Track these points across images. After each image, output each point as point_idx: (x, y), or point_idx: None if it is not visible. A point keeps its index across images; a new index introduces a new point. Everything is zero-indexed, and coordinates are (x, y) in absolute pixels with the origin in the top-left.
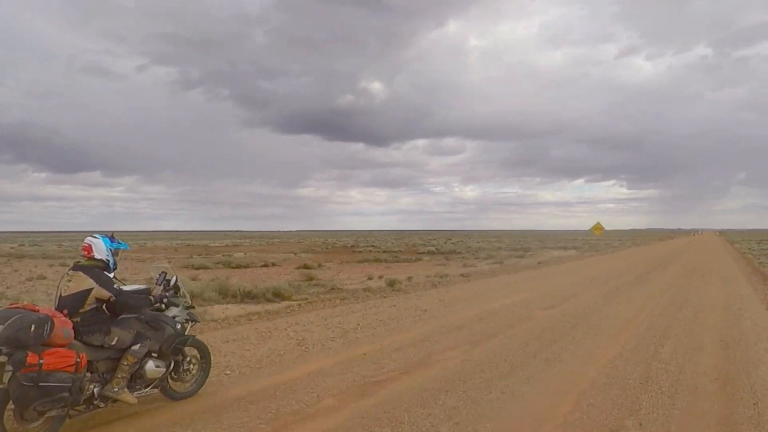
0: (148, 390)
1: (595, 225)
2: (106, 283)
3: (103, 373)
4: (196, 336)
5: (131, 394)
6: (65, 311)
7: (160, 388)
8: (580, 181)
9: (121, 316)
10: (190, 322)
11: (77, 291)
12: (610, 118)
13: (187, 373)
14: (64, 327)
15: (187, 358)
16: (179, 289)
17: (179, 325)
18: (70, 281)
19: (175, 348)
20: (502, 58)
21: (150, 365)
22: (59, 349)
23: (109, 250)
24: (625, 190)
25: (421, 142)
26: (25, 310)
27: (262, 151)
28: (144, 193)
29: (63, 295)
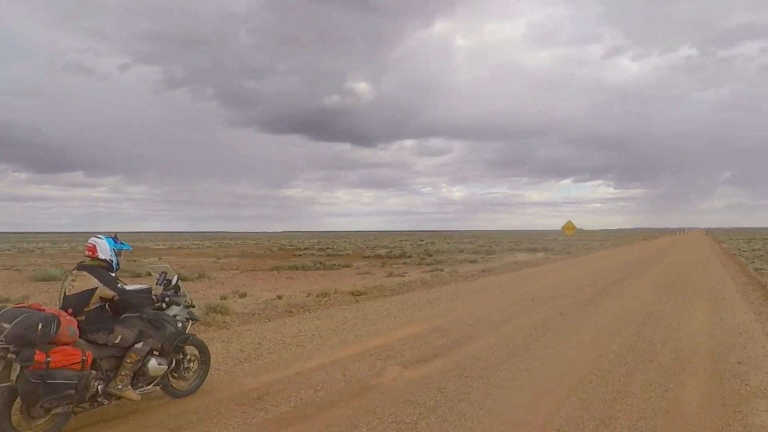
0: (150, 387)
1: (566, 224)
2: (110, 282)
3: (106, 371)
4: (195, 335)
5: (134, 391)
6: (70, 310)
7: (161, 386)
8: (567, 181)
9: (124, 315)
10: (190, 321)
11: (82, 290)
12: (596, 119)
13: (187, 370)
14: (70, 325)
15: (188, 357)
16: (180, 289)
17: (180, 324)
18: (74, 281)
19: (177, 346)
20: (489, 58)
21: (152, 363)
22: (65, 347)
23: (113, 250)
24: (611, 190)
25: (408, 143)
26: (31, 309)
27: (248, 152)
28: (127, 193)
29: (68, 294)
